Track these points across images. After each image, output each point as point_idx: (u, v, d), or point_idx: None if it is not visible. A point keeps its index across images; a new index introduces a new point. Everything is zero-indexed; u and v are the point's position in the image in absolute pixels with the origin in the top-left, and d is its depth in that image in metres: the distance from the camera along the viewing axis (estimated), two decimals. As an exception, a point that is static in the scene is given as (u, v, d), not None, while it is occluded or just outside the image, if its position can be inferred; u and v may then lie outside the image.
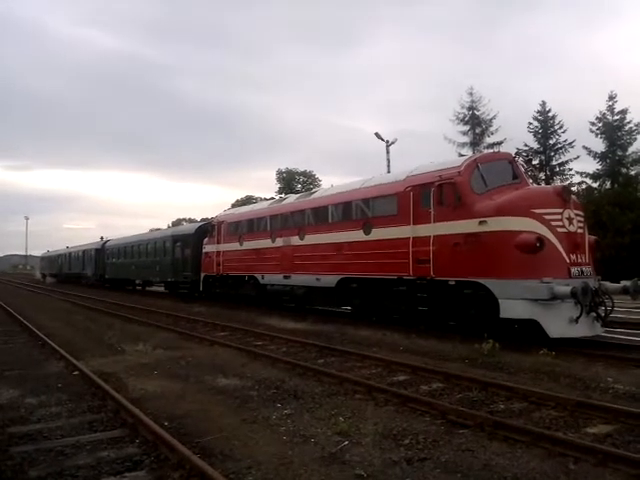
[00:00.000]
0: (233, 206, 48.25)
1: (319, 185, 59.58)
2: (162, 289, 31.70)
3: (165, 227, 60.11)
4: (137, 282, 36.08)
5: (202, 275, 23.85)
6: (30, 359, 10.39)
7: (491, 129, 40.35)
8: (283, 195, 42.31)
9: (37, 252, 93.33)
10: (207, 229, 24.41)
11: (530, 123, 38.29)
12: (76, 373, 8.84)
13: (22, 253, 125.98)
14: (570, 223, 11.05)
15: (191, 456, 4.67)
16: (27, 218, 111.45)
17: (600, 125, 35.02)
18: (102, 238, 45.29)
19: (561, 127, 37.59)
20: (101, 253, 39.81)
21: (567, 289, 9.90)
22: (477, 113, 40.60)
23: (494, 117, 40.15)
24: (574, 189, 31.67)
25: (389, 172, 25.84)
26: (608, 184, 35.02)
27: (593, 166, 35.79)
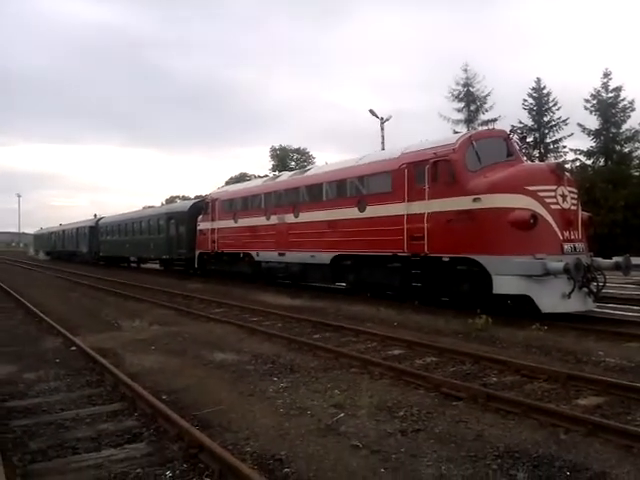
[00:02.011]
0: (227, 183, 48.00)
1: (313, 162, 59.34)
2: (157, 266, 31.72)
3: (158, 205, 59.94)
4: (132, 259, 36.05)
5: (197, 252, 23.88)
6: (27, 335, 10.44)
7: (486, 106, 40.12)
8: (277, 172, 42.13)
9: (30, 230, 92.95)
10: (201, 206, 24.36)
11: (525, 100, 38.19)
12: (73, 349, 8.90)
13: (15, 231, 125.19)
14: (564, 200, 11.11)
15: (190, 428, 4.75)
16: (19, 195, 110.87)
17: (594, 102, 34.93)
18: (95, 215, 45.12)
19: (555, 104, 37.52)
20: (95, 230, 39.68)
21: (560, 265, 10.00)
22: (472, 90, 40.34)
23: (489, 94, 39.94)
24: (568, 166, 31.71)
25: (384, 149, 25.77)
26: (602, 161, 35.09)
27: (587, 143, 35.82)
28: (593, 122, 35.13)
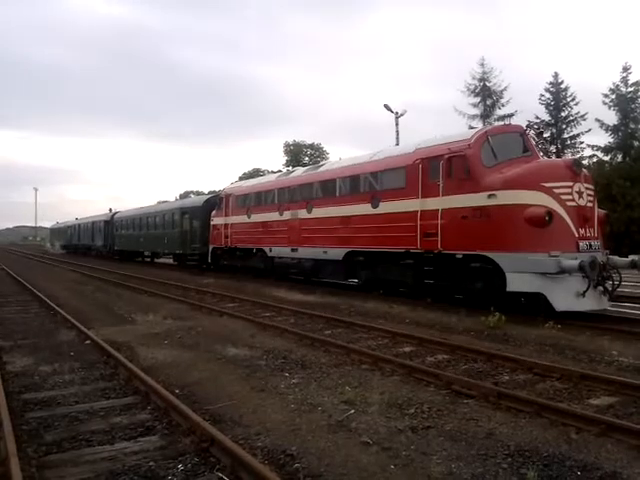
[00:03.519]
0: (240, 179, 48.14)
1: (327, 158, 59.24)
2: (171, 261, 31.95)
3: (172, 199, 60.22)
4: (146, 254, 36.35)
5: (210, 247, 24.02)
6: (42, 328, 10.58)
7: (502, 101, 39.79)
8: (290, 168, 42.13)
9: (46, 223, 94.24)
10: (215, 202, 24.49)
11: (542, 95, 37.79)
12: (88, 342, 9.01)
13: (31, 224, 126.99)
14: (580, 197, 10.98)
15: (202, 422, 4.80)
16: (36, 189, 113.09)
17: (613, 97, 34.39)
18: (110, 210, 45.49)
19: (573, 99, 37.07)
20: (110, 225, 40.05)
21: (575, 263, 9.90)
22: (488, 84, 39.97)
23: (505, 88, 39.57)
24: (585, 162, 31.29)
25: (398, 145, 25.65)
26: (619, 157, 34.58)
27: (605, 139, 35.34)
28: (612, 117, 34.66)
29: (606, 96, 34.54)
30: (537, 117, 36.92)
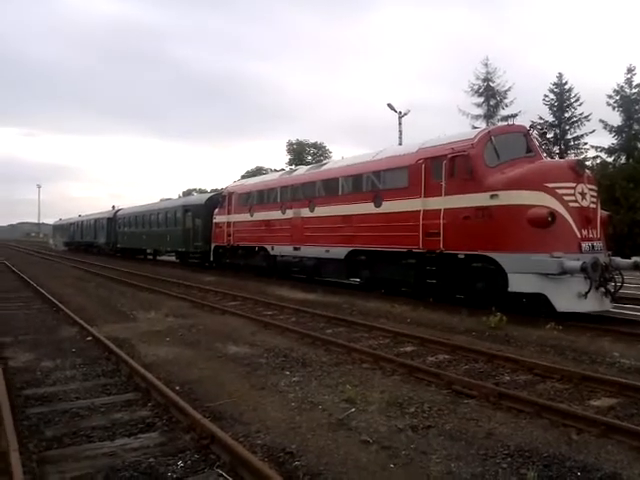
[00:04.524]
0: (243, 177, 48.13)
1: (330, 157, 59.08)
2: (173, 259, 31.98)
3: (175, 197, 60.21)
4: (148, 251, 36.38)
5: (213, 245, 24.03)
6: (44, 324, 10.61)
7: (506, 101, 39.76)
8: (293, 166, 42.12)
9: (49, 220, 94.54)
10: (218, 200, 24.51)
11: (546, 95, 37.71)
12: (89, 338, 9.03)
13: (34, 221, 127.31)
14: (583, 198, 10.96)
15: (202, 419, 4.80)
16: (39, 186, 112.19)
17: (617, 98, 34.30)
18: (113, 207, 45.52)
19: (577, 100, 36.99)
20: (112, 222, 40.09)
21: (577, 264, 9.88)
22: (492, 85, 39.92)
23: (509, 89, 39.52)
24: (588, 163, 31.22)
25: (401, 144, 25.63)
26: (623, 159, 34.49)
27: (609, 140, 35.25)
28: (616, 118, 34.57)
29: (610, 97, 34.48)
30: (541, 118, 36.87)
